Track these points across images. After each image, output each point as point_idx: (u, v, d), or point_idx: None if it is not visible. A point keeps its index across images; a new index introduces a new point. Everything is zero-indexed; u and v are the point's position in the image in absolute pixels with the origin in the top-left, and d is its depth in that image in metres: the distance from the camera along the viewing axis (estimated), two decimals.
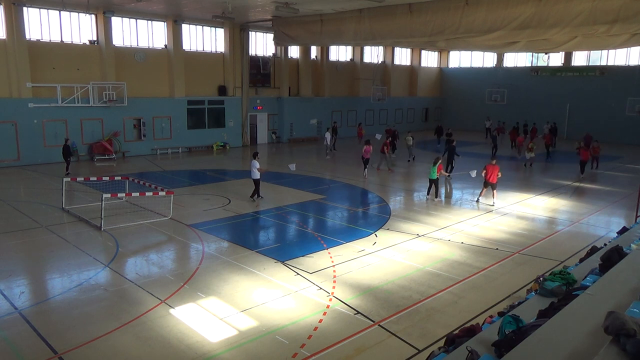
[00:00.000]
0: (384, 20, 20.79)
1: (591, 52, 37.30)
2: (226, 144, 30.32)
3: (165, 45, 27.84)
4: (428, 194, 17.21)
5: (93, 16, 24.84)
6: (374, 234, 12.90)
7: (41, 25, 23.61)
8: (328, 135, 27.70)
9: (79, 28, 24.76)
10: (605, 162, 25.65)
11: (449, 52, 45.92)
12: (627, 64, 36.41)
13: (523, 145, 27.03)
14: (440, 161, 16.88)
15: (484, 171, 16.58)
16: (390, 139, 26.00)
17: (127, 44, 26.48)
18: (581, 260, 7.52)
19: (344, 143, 33.13)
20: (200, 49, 29.53)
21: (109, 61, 25.13)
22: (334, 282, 9.67)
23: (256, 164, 15.99)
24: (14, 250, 11.63)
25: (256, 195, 16.26)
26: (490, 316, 6.90)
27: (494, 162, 16.85)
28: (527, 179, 21.94)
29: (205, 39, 29.75)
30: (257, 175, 16.01)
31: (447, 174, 19.07)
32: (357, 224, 14.34)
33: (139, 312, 8.24)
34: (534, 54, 38.94)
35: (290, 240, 12.82)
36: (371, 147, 20.56)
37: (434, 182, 16.78)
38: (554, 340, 3.77)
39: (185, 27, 28.28)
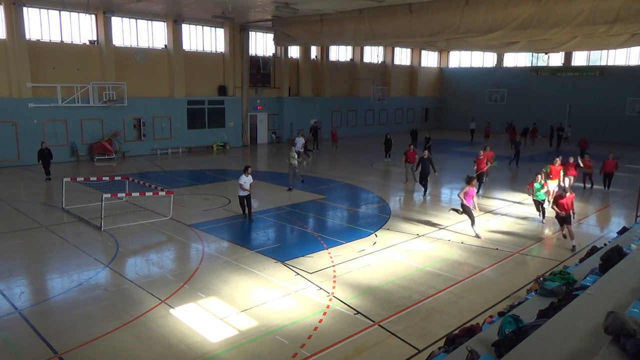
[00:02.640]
0: (384, 20, 20.78)
1: (591, 52, 37.31)
2: (226, 144, 30.32)
3: (165, 45, 27.83)
4: (543, 218, 14.28)
5: (93, 16, 24.84)
6: (374, 234, 12.90)
7: (41, 25, 23.61)
8: (299, 140, 24.22)
9: (79, 28, 24.76)
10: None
11: (449, 52, 45.92)
12: (627, 64, 36.41)
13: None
14: (538, 179, 14.00)
15: (542, 176, 14.33)
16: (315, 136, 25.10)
17: (127, 44, 26.48)
18: (581, 260, 7.53)
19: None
20: (200, 49, 29.52)
21: (109, 61, 25.13)
22: (334, 282, 9.67)
23: (244, 180, 13.69)
24: (14, 250, 11.63)
25: (248, 215, 14.13)
26: (490, 316, 6.90)
27: (558, 161, 15.26)
28: (527, 179, 21.88)
29: (205, 39, 29.75)
30: (242, 192, 13.83)
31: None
32: (357, 224, 14.33)
33: (139, 312, 8.24)
34: (534, 54, 38.92)
35: (290, 240, 12.82)
36: (474, 189, 13.33)
37: (540, 204, 14.25)
38: (554, 340, 3.77)
39: (185, 27, 28.28)
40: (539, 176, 14.00)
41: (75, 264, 10.56)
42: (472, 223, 12.81)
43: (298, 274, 10.05)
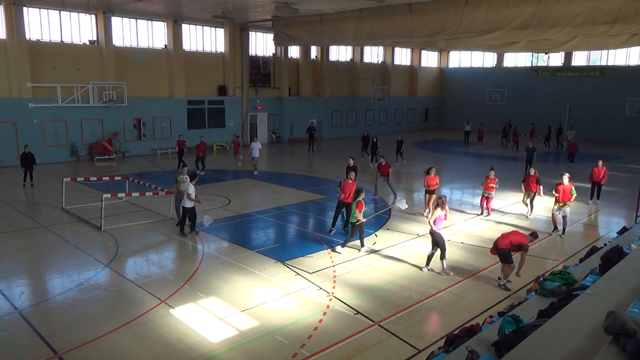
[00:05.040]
0: (384, 20, 20.79)
1: (591, 52, 37.30)
2: (226, 144, 30.30)
3: (165, 45, 27.84)
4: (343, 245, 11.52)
5: (93, 16, 24.84)
6: (374, 234, 12.89)
7: (41, 25, 23.61)
8: (255, 146, 21.58)
9: (79, 28, 24.76)
10: (605, 162, 25.53)
11: (449, 52, 45.90)
12: (627, 64, 36.40)
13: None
14: (362, 195, 11.44)
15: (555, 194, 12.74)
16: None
17: (127, 44, 26.48)
18: (581, 260, 7.52)
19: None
20: (200, 49, 29.53)
21: (109, 61, 25.13)
22: (334, 282, 9.67)
23: (191, 189, 12.31)
24: (14, 250, 11.63)
25: (190, 229, 12.65)
26: (490, 316, 6.89)
27: (566, 179, 12.80)
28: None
29: (205, 39, 29.76)
30: (188, 204, 12.33)
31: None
32: None
33: (139, 312, 8.24)
34: (534, 54, 38.92)
35: (290, 240, 12.81)
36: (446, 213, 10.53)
37: (357, 228, 11.32)
38: (554, 340, 3.77)
39: (185, 27, 28.28)
40: (363, 194, 11.44)
41: (75, 264, 10.56)
42: (442, 255, 10.26)
43: (298, 274, 10.05)
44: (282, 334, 7.61)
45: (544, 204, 16.24)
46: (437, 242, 10.19)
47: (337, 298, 8.93)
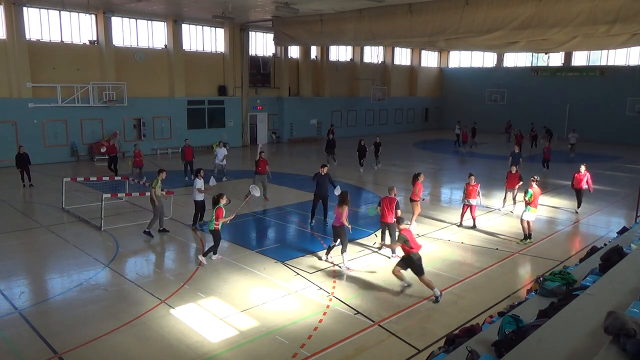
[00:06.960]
0: (384, 20, 20.80)
1: (591, 52, 37.31)
2: (226, 144, 30.25)
3: (165, 45, 27.84)
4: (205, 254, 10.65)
5: (93, 16, 24.85)
6: (374, 234, 12.89)
7: (41, 25, 23.62)
8: (221, 152, 19.87)
9: (79, 28, 24.77)
10: (605, 162, 25.62)
11: (449, 52, 45.91)
12: (627, 64, 36.41)
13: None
14: (222, 202, 10.73)
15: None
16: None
17: (127, 44, 26.49)
18: (581, 260, 7.52)
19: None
20: (200, 49, 29.54)
21: (109, 61, 25.14)
22: (334, 282, 9.67)
23: (198, 183, 13.11)
24: (14, 250, 11.63)
25: (199, 222, 13.44)
26: (490, 316, 6.89)
27: (535, 185, 12.46)
28: (526, 179, 21.86)
29: (205, 39, 29.76)
30: (199, 197, 13.16)
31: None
32: (357, 224, 14.31)
33: (139, 312, 8.24)
34: (534, 54, 38.94)
35: (290, 240, 12.81)
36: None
37: (214, 235, 10.73)
38: (554, 340, 3.77)
39: (185, 27, 28.30)
40: (223, 200, 10.84)
41: (75, 264, 10.56)
42: (343, 250, 10.45)
43: (298, 274, 10.05)
44: (282, 334, 7.61)
45: (545, 204, 16.22)
46: (340, 235, 10.49)
47: (337, 298, 8.93)
